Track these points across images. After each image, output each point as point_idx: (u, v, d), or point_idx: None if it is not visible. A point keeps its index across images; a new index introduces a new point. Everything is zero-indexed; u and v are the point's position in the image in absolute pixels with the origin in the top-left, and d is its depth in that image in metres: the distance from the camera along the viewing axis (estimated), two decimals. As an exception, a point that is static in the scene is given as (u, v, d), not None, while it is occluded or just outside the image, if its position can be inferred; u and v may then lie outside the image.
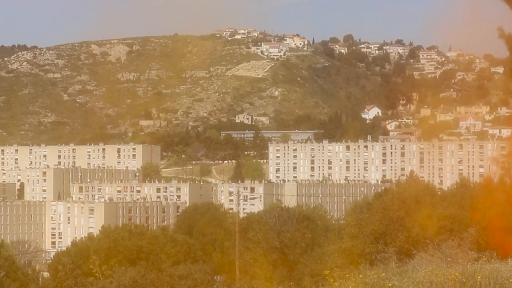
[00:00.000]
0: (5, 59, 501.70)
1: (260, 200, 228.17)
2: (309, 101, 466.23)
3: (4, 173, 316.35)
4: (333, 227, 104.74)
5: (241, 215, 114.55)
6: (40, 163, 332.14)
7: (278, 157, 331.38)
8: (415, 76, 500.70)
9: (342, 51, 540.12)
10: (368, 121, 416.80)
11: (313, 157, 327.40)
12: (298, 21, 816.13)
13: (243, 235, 75.82)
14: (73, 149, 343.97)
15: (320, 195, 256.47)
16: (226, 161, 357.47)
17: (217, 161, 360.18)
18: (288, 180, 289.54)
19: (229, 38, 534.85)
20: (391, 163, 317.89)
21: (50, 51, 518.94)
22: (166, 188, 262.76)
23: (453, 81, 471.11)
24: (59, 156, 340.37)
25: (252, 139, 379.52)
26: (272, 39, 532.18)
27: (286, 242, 69.41)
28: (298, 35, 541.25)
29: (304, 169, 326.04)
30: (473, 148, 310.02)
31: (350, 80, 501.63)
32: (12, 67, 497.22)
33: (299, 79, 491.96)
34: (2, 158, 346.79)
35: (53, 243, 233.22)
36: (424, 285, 22.30)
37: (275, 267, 68.45)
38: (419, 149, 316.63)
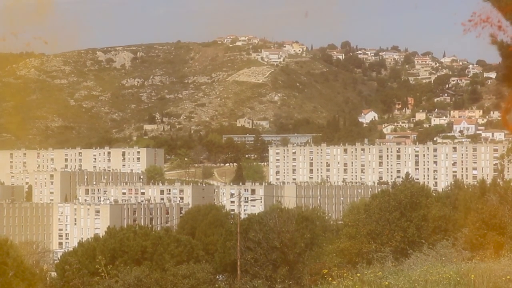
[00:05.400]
0: (14, 65, 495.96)
1: (261, 202, 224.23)
2: (307, 106, 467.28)
3: (13, 176, 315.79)
4: (331, 228, 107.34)
5: (242, 216, 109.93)
6: (47, 166, 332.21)
7: (278, 160, 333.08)
8: (410, 81, 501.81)
9: (340, 57, 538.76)
10: (365, 125, 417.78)
11: (312, 160, 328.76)
12: (297, 28, 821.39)
13: (244, 235, 75.20)
14: (80, 153, 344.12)
15: (319, 197, 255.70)
16: (227, 164, 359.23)
17: (219, 164, 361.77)
18: (287, 182, 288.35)
19: (230, 45, 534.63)
20: (387, 165, 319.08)
21: (57, 58, 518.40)
22: (169, 190, 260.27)
23: (447, 86, 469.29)
24: (66, 160, 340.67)
25: (252, 142, 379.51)
26: (272, 46, 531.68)
27: (286, 242, 69.58)
28: (297, 42, 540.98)
29: (303, 171, 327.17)
30: (466, 151, 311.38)
31: (348, 85, 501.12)
32: (20, 73, 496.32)
33: (298, 84, 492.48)
34: (11, 162, 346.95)
35: (60, 243, 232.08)
36: (420, 284, 21.97)
37: (275, 267, 69.12)
38: (414, 152, 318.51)
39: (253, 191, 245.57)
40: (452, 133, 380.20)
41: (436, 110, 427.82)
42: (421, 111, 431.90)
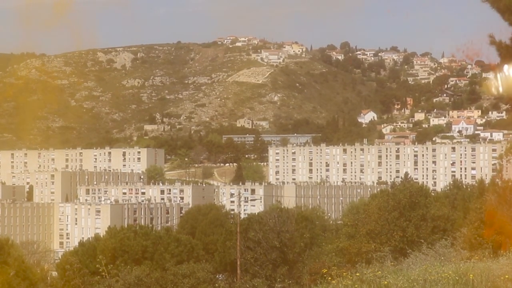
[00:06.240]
0: (15, 66, 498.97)
1: (261, 202, 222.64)
2: (307, 106, 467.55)
3: (14, 176, 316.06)
4: (331, 227, 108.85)
5: (242, 216, 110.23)
6: (48, 166, 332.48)
7: (277, 160, 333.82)
8: (409, 82, 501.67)
9: (339, 57, 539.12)
10: (364, 125, 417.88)
11: (311, 160, 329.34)
12: (297, 29, 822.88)
13: (244, 235, 75.35)
14: (80, 153, 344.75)
15: (318, 197, 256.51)
16: (227, 164, 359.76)
17: (219, 164, 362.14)
18: (287, 182, 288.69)
19: (230, 46, 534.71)
20: (387, 165, 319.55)
21: (58, 59, 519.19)
22: (169, 190, 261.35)
23: (446, 86, 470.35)
24: (67, 160, 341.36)
25: (252, 142, 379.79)
26: (271, 46, 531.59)
27: (285, 242, 69.95)
28: (296, 43, 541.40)
29: (303, 171, 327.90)
30: (465, 151, 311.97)
31: (347, 85, 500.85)
32: (21, 74, 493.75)
33: (297, 84, 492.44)
34: (12, 162, 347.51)
35: (61, 243, 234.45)
36: (418, 283, 21.94)
37: (275, 266, 69.36)
38: (413, 152, 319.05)
39: (253, 191, 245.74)
40: (451, 133, 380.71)
41: (435, 110, 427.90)
42: (420, 111, 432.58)
